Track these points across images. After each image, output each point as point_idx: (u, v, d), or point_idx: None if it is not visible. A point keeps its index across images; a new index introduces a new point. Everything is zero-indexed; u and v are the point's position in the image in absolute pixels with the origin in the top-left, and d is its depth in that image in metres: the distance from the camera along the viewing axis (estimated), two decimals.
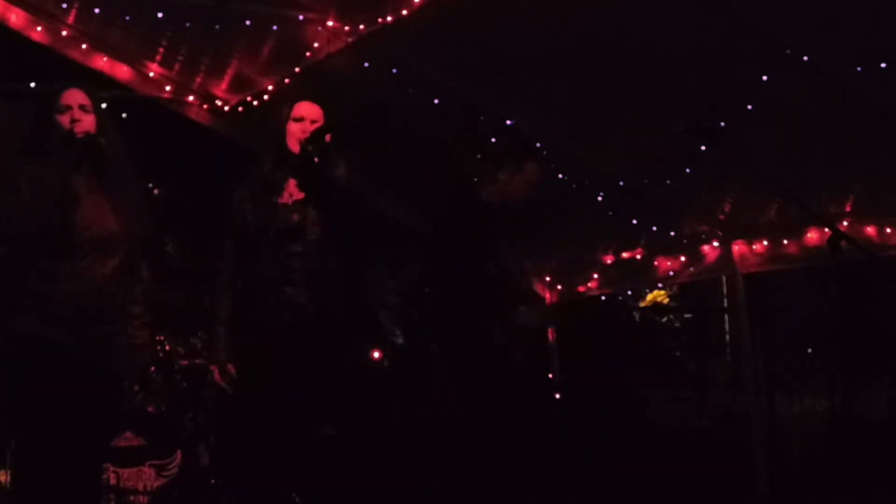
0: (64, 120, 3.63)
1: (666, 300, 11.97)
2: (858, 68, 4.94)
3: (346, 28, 6.04)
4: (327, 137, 4.15)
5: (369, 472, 5.90)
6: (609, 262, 7.48)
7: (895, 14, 4.60)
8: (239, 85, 7.08)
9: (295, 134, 4.20)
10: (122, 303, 3.71)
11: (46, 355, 3.50)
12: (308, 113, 4.26)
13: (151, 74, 7.13)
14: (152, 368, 5.94)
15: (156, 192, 7.59)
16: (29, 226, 3.51)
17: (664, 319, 11.91)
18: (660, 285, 10.70)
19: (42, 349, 3.50)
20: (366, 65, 6.17)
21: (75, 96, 3.69)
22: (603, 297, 8.50)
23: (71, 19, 6.71)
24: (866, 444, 6.85)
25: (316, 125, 4.20)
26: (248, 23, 6.22)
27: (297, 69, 6.49)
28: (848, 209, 5.87)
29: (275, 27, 6.24)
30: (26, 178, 3.53)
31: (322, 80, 6.21)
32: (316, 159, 4.10)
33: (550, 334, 7.89)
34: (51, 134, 3.62)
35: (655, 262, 7.16)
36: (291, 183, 4.23)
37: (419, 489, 5.49)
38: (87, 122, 3.65)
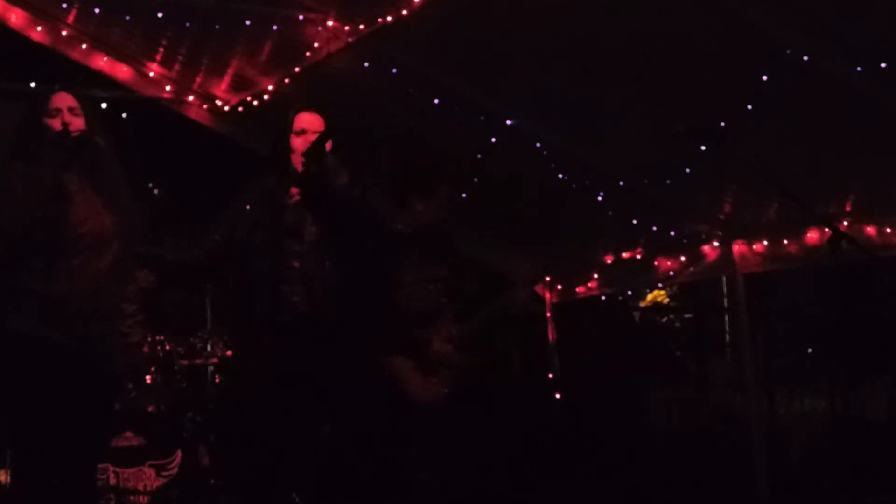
0: (54, 123, 3.66)
1: (666, 300, 11.96)
2: (858, 68, 4.94)
3: (346, 28, 6.05)
4: (328, 146, 4.15)
5: (369, 472, 5.90)
6: (609, 262, 7.48)
7: (895, 14, 4.60)
8: (239, 85, 7.08)
9: (298, 149, 4.20)
10: (117, 300, 3.71)
11: (42, 354, 3.50)
12: (309, 124, 4.25)
13: (151, 74, 7.13)
14: (152, 368, 5.98)
15: (156, 192, 7.58)
16: (24, 223, 3.51)
17: (664, 319, 11.91)
18: (660, 285, 10.70)
19: (37, 348, 3.50)
20: (366, 65, 6.17)
21: (64, 99, 3.71)
22: (603, 298, 8.50)
23: (71, 19, 6.71)
24: (866, 444, 6.85)
25: (317, 136, 4.19)
26: (248, 23, 6.22)
27: (297, 69, 6.49)
28: (848, 209, 5.88)
29: (275, 27, 6.24)
30: (19, 175, 3.54)
31: (322, 80, 6.21)
32: (316, 170, 4.11)
33: (550, 334, 7.89)
34: (40, 137, 3.63)
35: (655, 262, 7.16)
36: (294, 193, 4.25)
37: (419, 489, 5.48)
38: (77, 125, 3.67)
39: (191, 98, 7.30)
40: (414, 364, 4.84)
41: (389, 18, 5.73)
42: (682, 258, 6.97)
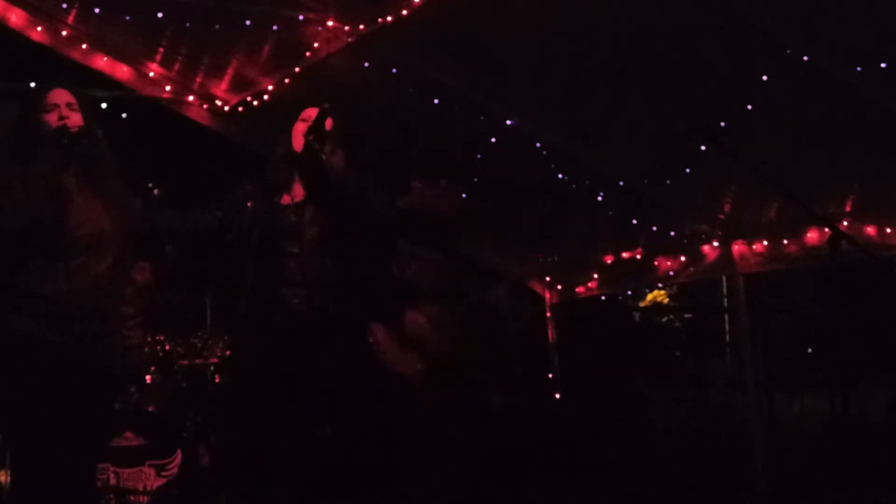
0: (51, 118, 3.64)
1: (666, 300, 11.98)
2: (858, 68, 4.94)
3: (346, 28, 6.05)
4: (328, 124, 4.17)
5: (368, 472, 5.90)
6: (609, 262, 7.49)
7: (895, 14, 4.60)
8: (239, 85, 7.08)
9: (300, 131, 4.23)
10: (116, 301, 3.71)
11: (42, 354, 3.49)
12: (314, 113, 4.28)
13: (151, 74, 7.13)
14: (152, 368, 5.98)
15: (156, 192, 7.58)
16: (22, 223, 3.51)
17: (664, 319, 11.93)
18: (660, 285, 10.71)
19: (37, 348, 3.49)
20: (366, 65, 6.17)
21: (62, 95, 3.70)
22: (603, 298, 8.51)
23: (71, 19, 6.71)
24: (866, 444, 6.85)
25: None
26: (248, 23, 6.22)
27: (297, 69, 6.49)
28: (848, 209, 5.88)
29: (275, 27, 6.24)
30: (18, 174, 3.54)
31: (322, 80, 6.21)
32: (316, 146, 4.12)
33: (550, 334, 7.90)
34: (38, 133, 3.62)
35: (655, 262, 7.17)
36: (297, 183, 4.25)
37: (419, 488, 5.49)
38: (75, 120, 3.66)
39: (191, 98, 7.29)
40: (392, 334, 4.89)
41: (389, 18, 5.73)
42: (682, 258, 6.97)
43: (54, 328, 3.52)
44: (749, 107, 5.40)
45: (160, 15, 6.29)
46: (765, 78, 5.18)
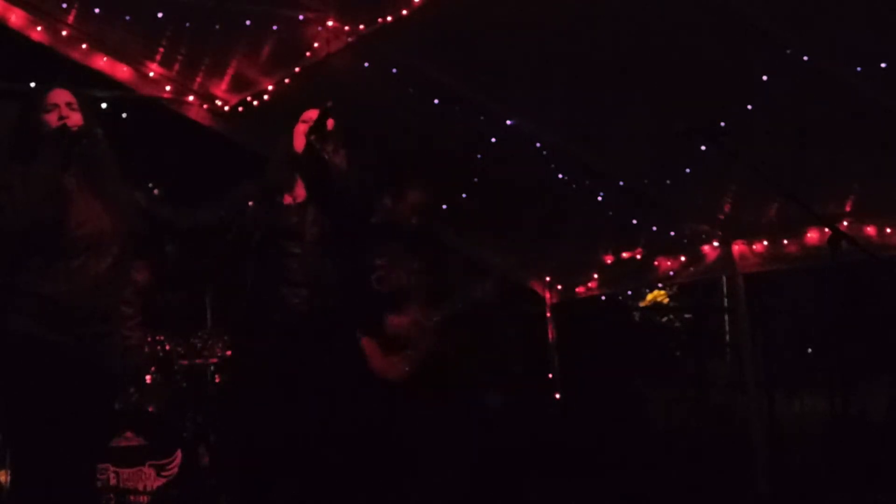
0: (51, 118, 3.64)
1: (666, 300, 11.98)
2: (858, 68, 4.94)
3: (346, 28, 6.05)
4: (329, 124, 4.18)
5: (368, 472, 5.90)
6: (609, 262, 7.48)
7: (895, 14, 4.60)
8: (239, 85, 7.08)
9: (301, 132, 4.24)
10: (116, 301, 3.72)
11: (41, 354, 3.50)
12: (314, 115, 4.28)
13: (151, 74, 7.13)
14: (152, 368, 5.98)
15: (156, 192, 7.59)
16: (22, 223, 3.51)
17: (664, 319, 11.93)
18: (660, 285, 10.70)
19: (37, 348, 3.49)
20: (366, 65, 6.17)
21: (62, 95, 3.70)
22: (603, 298, 8.50)
23: (71, 19, 6.71)
24: (866, 444, 6.85)
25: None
26: (248, 23, 6.22)
27: (297, 69, 6.49)
28: (848, 209, 5.88)
29: (275, 27, 6.24)
30: (18, 174, 3.54)
31: (322, 80, 6.21)
32: (318, 146, 4.13)
33: (550, 334, 7.89)
34: (38, 133, 3.62)
35: (655, 262, 7.16)
36: (299, 183, 4.25)
37: (419, 488, 5.50)
38: (75, 120, 3.66)
39: (191, 98, 7.29)
40: (377, 342, 4.96)
41: (389, 18, 5.72)
42: (682, 258, 6.97)
43: (54, 328, 3.52)
44: (749, 107, 5.40)
45: (160, 15, 6.29)
46: (765, 78, 5.18)
